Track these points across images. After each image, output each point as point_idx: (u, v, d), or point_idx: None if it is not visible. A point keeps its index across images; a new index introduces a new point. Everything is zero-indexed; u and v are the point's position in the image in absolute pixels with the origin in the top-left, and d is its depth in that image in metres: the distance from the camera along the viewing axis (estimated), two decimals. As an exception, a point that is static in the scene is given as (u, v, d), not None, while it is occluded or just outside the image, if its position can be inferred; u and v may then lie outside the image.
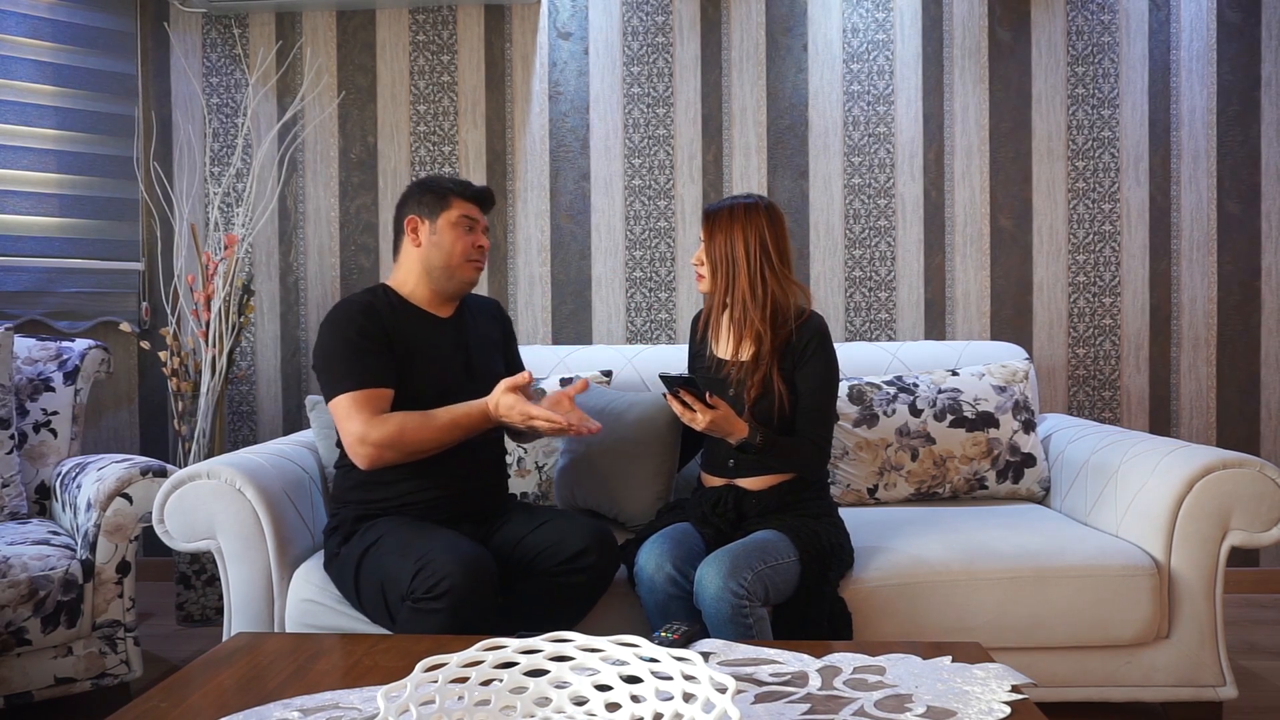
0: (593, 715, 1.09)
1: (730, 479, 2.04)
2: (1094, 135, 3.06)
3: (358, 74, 3.19)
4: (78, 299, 3.09)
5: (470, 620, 1.67)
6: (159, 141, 3.21)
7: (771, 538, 1.85)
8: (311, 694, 1.30)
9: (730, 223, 1.99)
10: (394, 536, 1.81)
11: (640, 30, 3.13)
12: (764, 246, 1.98)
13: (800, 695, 1.28)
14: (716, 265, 2.01)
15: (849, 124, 3.10)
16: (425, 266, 2.00)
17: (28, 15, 2.99)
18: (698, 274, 2.07)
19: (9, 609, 1.96)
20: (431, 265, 1.99)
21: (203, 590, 2.86)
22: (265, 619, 2.00)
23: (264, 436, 3.18)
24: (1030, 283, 3.08)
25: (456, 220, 1.98)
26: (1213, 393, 3.05)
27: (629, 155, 3.13)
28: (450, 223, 1.98)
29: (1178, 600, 1.99)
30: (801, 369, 1.99)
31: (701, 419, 1.87)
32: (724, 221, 2.00)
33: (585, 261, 3.15)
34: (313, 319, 3.21)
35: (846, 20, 3.09)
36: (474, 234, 2.00)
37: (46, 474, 2.48)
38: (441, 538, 1.76)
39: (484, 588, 1.70)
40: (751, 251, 1.98)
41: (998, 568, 1.98)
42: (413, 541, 1.77)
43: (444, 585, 1.65)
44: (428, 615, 1.67)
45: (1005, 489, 2.50)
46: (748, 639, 1.63)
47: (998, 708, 1.24)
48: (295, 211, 3.21)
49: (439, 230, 1.98)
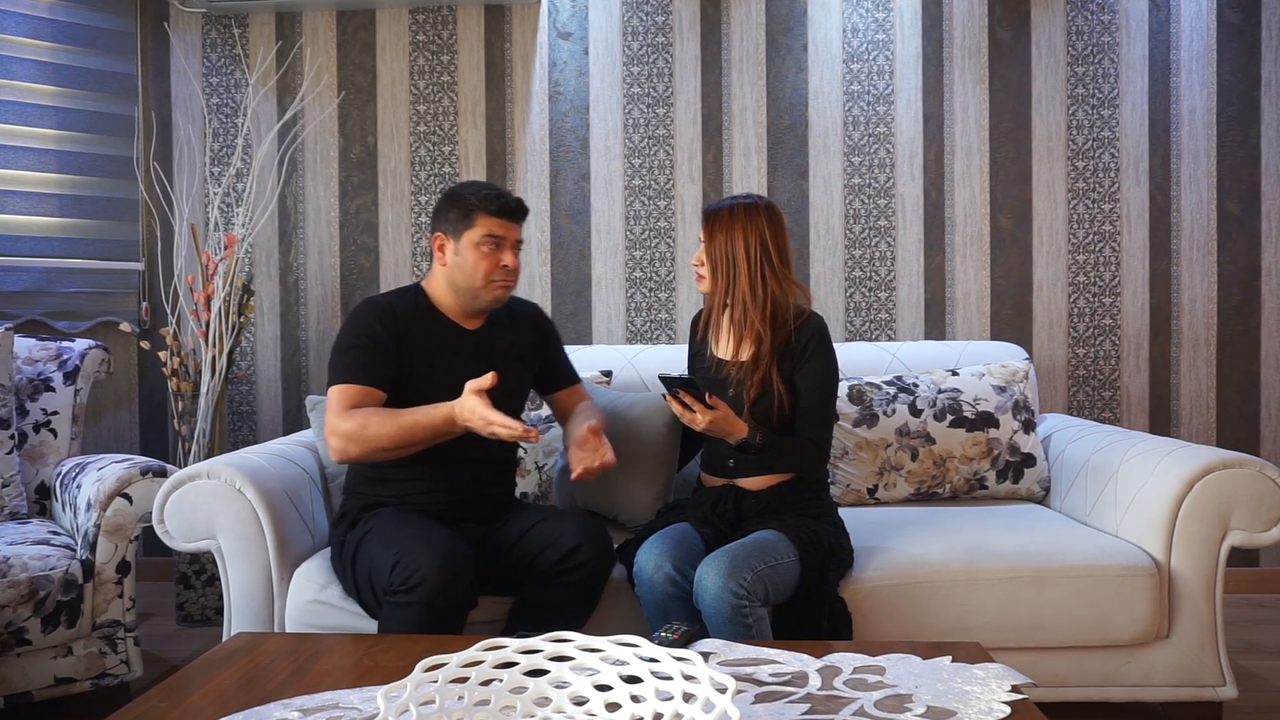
0: (593, 715, 1.09)
1: (730, 479, 2.04)
2: (1094, 135, 3.06)
3: (358, 74, 3.19)
4: (78, 299, 3.09)
5: (443, 613, 1.68)
6: (159, 141, 3.21)
7: (771, 538, 1.85)
8: (311, 694, 1.30)
9: (731, 223, 1.99)
10: (382, 529, 1.83)
11: (640, 30, 3.13)
12: (764, 246, 1.98)
13: (800, 695, 1.28)
14: (717, 265, 2.01)
15: (849, 124, 3.10)
16: (450, 284, 1.98)
17: (28, 15, 2.99)
18: (698, 274, 2.07)
19: (9, 609, 1.96)
20: (456, 285, 1.96)
21: (203, 590, 2.86)
22: (265, 619, 2.00)
23: (264, 436, 3.18)
24: (1030, 283, 3.08)
25: (480, 240, 1.92)
26: (1213, 393, 3.05)
27: (629, 155, 3.13)
28: (473, 243, 1.92)
29: (1178, 600, 1.99)
30: (801, 369, 1.99)
31: (701, 419, 1.87)
32: (724, 221, 2.00)
33: (585, 261, 3.15)
34: (313, 319, 3.21)
35: (846, 20, 3.09)
36: (500, 253, 1.93)
37: (46, 474, 2.48)
38: (423, 532, 1.76)
39: (458, 581, 1.70)
40: (752, 252, 1.98)
41: (998, 568, 1.98)
42: (396, 534, 1.78)
43: (417, 578, 1.67)
44: (403, 609, 1.69)
45: (1005, 489, 2.50)
46: (747, 639, 1.63)
47: (998, 708, 1.24)
48: (295, 211, 3.21)
49: (462, 251, 1.93)
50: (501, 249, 1.94)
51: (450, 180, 3.16)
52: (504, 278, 1.95)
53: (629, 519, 2.27)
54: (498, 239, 1.93)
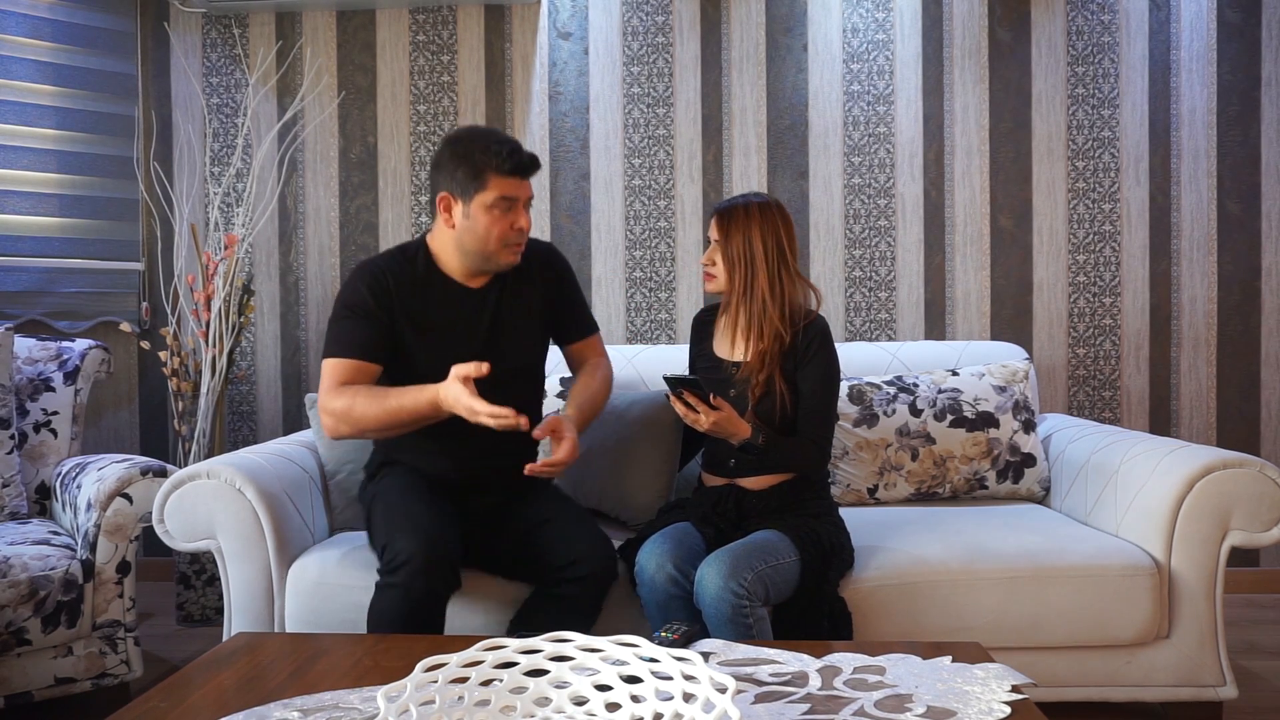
0: (593, 715, 1.09)
1: (731, 479, 2.04)
2: (1094, 135, 3.06)
3: (358, 74, 3.19)
4: (78, 299, 3.09)
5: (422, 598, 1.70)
6: (159, 141, 3.21)
7: (772, 538, 1.85)
8: (311, 694, 1.30)
9: (747, 220, 1.98)
10: (385, 498, 1.87)
11: (640, 30, 3.13)
12: (779, 245, 1.99)
13: (800, 695, 1.28)
14: (734, 263, 1.99)
15: (849, 124, 3.10)
16: (459, 247, 1.88)
17: (28, 15, 2.99)
18: (707, 274, 2.05)
19: (9, 609, 1.96)
20: (465, 248, 1.87)
21: (203, 590, 2.86)
22: (265, 619, 2.00)
23: (264, 436, 3.18)
24: (1030, 283, 3.08)
25: (493, 203, 1.81)
26: (1213, 393, 3.05)
27: (629, 155, 3.13)
28: (485, 206, 1.81)
29: (1178, 600, 1.99)
30: (803, 369, 2.00)
31: (705, 420, 1.87)
32: (741, 219, 1.99)
33: (585, 261, 3.15)
34: (313, 319, 3.21)
35: (846, 20, 3.09)
36: (513, 214, 1.83)
37: (46, 474, 2.48)
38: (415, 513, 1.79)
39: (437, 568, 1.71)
40: (770, 249, 1.98)
41: (998, 568, 1.98)
42: (392, 512, 1.81)
43: (399, 560, 1.70)
44: (388, 590, 1.72)
45: (1005, 489, 2.50)
46: (748, 639, 1.63)
47: (998, 708, 1.24)
48: (295, 211, 3.21)
49: (473, 214, 1.82)
50: (515, 210, 1.84)
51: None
52: (519, 239, 1.87)
53: (630, 518, 2.26)
54: (511, 200, 1.82)
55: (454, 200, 1.84)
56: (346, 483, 2.26)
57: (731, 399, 1.98)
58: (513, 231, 1.84)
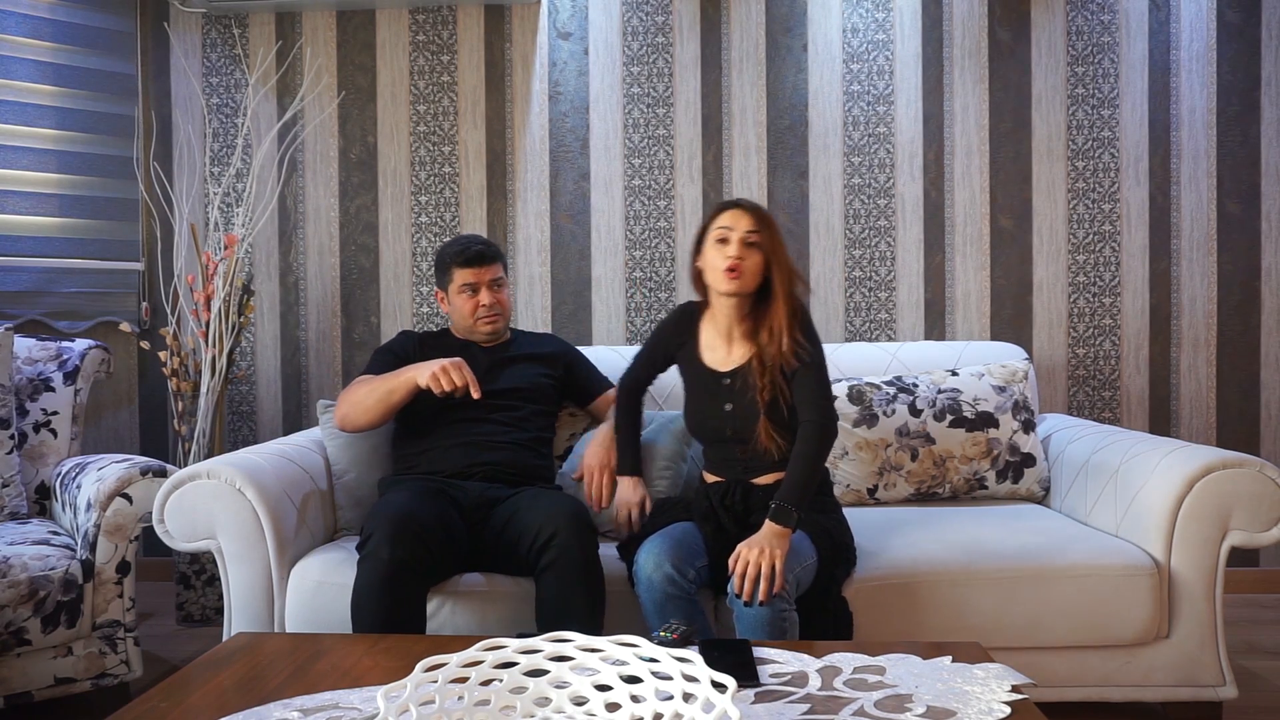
0: (593, 715, 1.09)
1: (740, 479, 2.03)
2: (1094, 135, 3.06)
3: (358, 74, 3.19)
4: (78, 299, 3.09)
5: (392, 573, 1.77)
6: (159, 141, 3.21)
7: (795, 539, 1.84)
8: (311, 694, 1.30)
9: (772, 221, 1.99)
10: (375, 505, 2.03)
11: (640, 30, 3.13)
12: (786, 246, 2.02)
13: (800, 695, 1.29)
14: (770, 260, 1.94)
15: (849, 124, 3.10)
16: (456, 326, 2.36)
17: (28, 15, 2.99)
18: (732, 273, 1.92)
19: (9, 609, 1.96)
20: (457, 325, 2.35)
21: (203, 590, 2.86)
22: (265, 619, 2.00)
23: (264, 436, 3.18)
24: (1030, 283, 3.08)
25: (459, 289, 2.28)
26: (1213, 393, 3.05)
27: (629, 155, 3.13)
28: (456, 291, 2.28)
29: (1178, 600, 1.99)
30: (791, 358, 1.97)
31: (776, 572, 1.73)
32: (767, 219, 1.97)
33: (585, 262, 3.15)
34: (313, 319, 3.21)
35: (846, 20, 3.09)
36: (477, 295, 2.26)
37: (46, 474, 2.48)
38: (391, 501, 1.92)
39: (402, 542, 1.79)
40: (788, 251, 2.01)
41: (997, 567, 1.98)
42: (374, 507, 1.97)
43: (367, 533, 1.85)
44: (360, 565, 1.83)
45: (1005, 489, 2.50)
46: (781, 640, 1.63)
47: (998, 708, 1.24)
48: (295, 211, 3.21)
49: (452, 300, 2.31)
50: (478, 291, 2.26)
51: (450, 181, 3.16)
52: (487, 313, 2.27)
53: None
54: (472, 285, 2.26)
55: (442, 293, 2.35)
56: (353, 484, 2.26)
57: (728, 414, 1.97)
58: (480, 308, 2.27)
